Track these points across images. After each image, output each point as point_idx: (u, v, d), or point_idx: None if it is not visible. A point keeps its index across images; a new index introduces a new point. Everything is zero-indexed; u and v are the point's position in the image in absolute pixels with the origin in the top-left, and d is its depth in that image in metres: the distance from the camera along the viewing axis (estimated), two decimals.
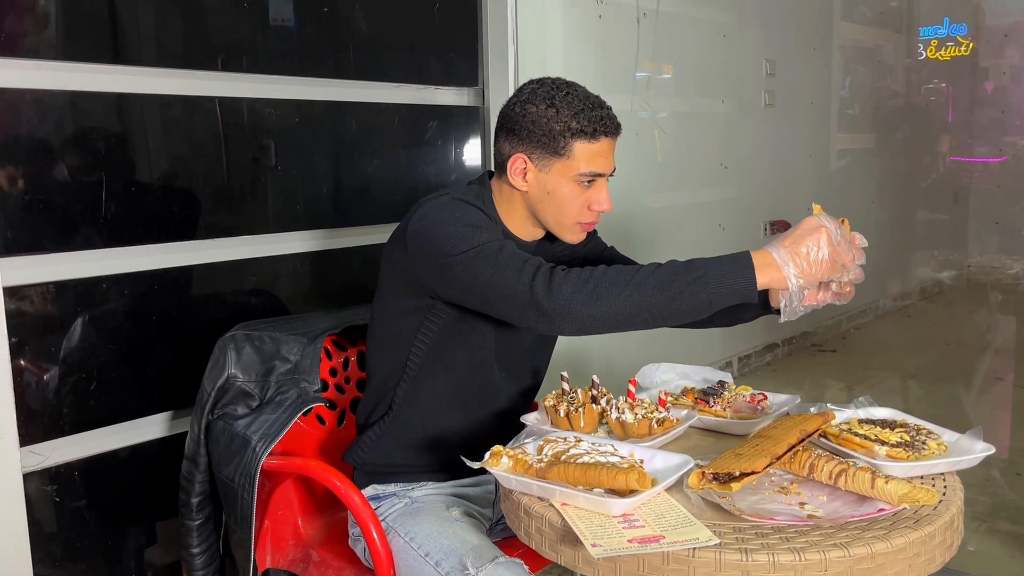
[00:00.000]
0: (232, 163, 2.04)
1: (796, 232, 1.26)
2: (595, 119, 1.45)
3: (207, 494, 1.74)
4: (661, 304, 1.25)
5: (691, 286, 1.24)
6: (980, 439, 1.31)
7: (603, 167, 1.48)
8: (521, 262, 1.32)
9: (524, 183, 1.49)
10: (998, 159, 5.45)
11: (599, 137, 1.46)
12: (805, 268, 1.24)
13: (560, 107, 1.45)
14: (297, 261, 2.18)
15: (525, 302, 1.28)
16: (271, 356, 1.74)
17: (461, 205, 1.44)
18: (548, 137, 1.45)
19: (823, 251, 1.24)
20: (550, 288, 1.27)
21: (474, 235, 1.37)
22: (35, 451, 1.72)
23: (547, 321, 1.28)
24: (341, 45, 2.27)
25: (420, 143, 2.47)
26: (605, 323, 1.27)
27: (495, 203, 1.54)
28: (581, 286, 1.26)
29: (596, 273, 1.27)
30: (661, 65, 3.54)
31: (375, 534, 1.47)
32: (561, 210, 1.48)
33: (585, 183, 1.47)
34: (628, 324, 1.28)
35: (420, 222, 1.44)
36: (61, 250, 1.75)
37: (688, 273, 1.25)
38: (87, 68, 1.78)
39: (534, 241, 1.59)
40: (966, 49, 4.91)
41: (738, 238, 4.13)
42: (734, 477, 1.17)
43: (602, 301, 1.25)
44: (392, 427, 1.59)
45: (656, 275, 1.26)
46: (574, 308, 1.25)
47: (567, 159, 1.45)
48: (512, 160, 1.49)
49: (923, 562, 1.09)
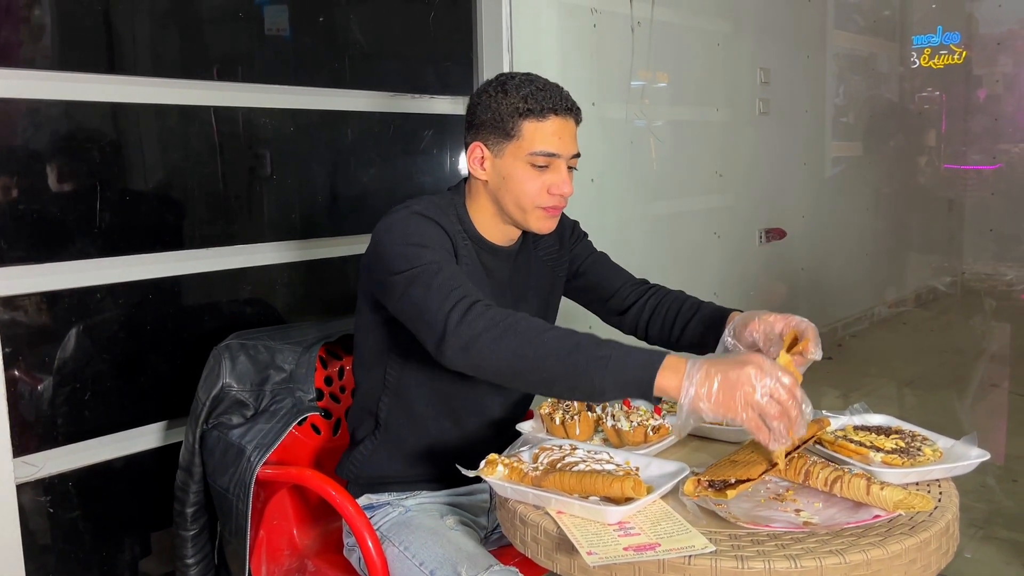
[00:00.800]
0: (227, 172, 2.04)
1: (730, 359, 1.14)
2: (542, 98, 1.44)
3: (202, 504, 1.73)
4: (555, 374, 1.20)
5: (588, 366, 1.17)
6: (975, 445, 1.31)
7: (555, 147, 1.45)
8: (449, 290, 1.29)
9: (483, 171, 1.49)
10: (992, 167, 5.46)
11: (547, 115, 1.44)
12: (704, 395, 1.11)
13: (509, 90, 1.45)
14: (292, 270, 2.18)
15: (439, 331, 1.26)
16: (266, 365, 1.74)
17: (415, 220, 1.43)
18: (499, 120, 1.45)
19: (737, 393, 1.10)
20: (463, 320, 1.25)
21: (417, 255, 1.36)
22: (29, 462, 1.71)
23: (449, 351, 1.25)
24: (336, 54, 2.28)
25: (415, 152, 2.47)
26: (499, 372, 1.24)
27: (468, 208, 1.54)
28: (492, 326, 1.23)
29: (512, 319, 1.23)
30: (656, 73, 3.55)
31: (370, 544, 1.46)
32: (519, 194, 1.47)
33: (539, 165, 1.45)
34: (520, 381, 1.25)
35: (375, 237, 1.44)
36: (55, 260, 1.75)
37: (593, 350, 1.18)
38: (82, 78, 1.78)
39: (512, 245, 1.58)
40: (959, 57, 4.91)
41: (734, 246, 4.14)
42: (730, 484, 1.17)
43: (503, 348, 1.21)
44: (383, 441, 1.58)
45: (562, 341, 1.20)
46: (476, 346, 1.22)
47: (518, 140, 1.45)
48: (471, 150, 1.50)
49: (919, 568, 1.09)
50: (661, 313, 1.63)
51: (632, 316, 1.67)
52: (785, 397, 1.10)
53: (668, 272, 3.72)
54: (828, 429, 1.39)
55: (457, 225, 1.50)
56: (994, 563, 2.57)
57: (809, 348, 1.33)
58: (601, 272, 1.71)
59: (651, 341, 1.66)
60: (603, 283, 1.70)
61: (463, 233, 1.51)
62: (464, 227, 1.52)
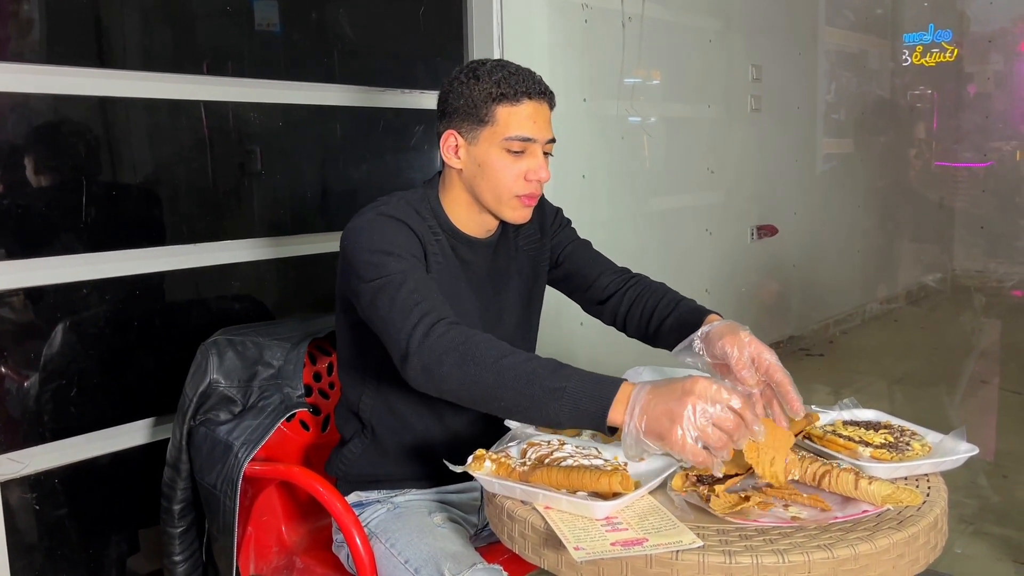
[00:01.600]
0: (216, 167, 2.03)
1: (675, 387, 1.10)
2: (515, 82, 1.42)
3: (189, 501, 1.72)
4: (513, 404, 1.19)
5: (544, 397, 1.16)
6: (964, 440, 1.31)
7: (530, 131, 1.43)
8: (412, 305, 1.28)
9: (458, 160, 1.47)
10: (982, 164, 5.48)
11: (521, 100, 1.42)
12: (644, 429, 1.10)
13: (481, 76, 1.43)
14: (281, 266, 2.17)
15: (402, 351, 1.26)
16: (254, 361, 1.73)
17: (382, 223, 1.41)
18: (472, 107, 1.43)
19: (676, 428, 1.07)
20: (423, 343, 1.23)
21: (384, 264, 1.34)
22: (14, 458, 1.70)
23: (412, 373, 1.25)
24: (326, 49, 2.27)
25: (405, 148, 2.46)
26: (460, 398, 1.24)
27: (442, 200, 1.52)
28: (452, 349, 1.22)
29: (472, 342, 1.22)
30: (648, 71, 3.55)
31: (358, 540, 1.45)
32: (496, 182, 1.45)
33: (515, 151, 1.43)
34: (481, 406, 1.23)
35: (344, 241, 1.43)
36: (41, 255, 1.73)
37: (549, 381, 1.17)
38: (70, 72, 1.77)
39: (490, 236, 1.56)
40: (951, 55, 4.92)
41: (726, 243, 4.14)
42: (717, 479, 1.17)
43: (462, 374, 1.20)
44: (370, 440, 1.57)
45: (518, 369, 1.19)
46: (438, 371, 1.22)
47: (492, 126, 1.42)
48: (444, 139, 1.47)
49: (907, 563, 1.09)
50: (639, 307, 1.61)
51: (611, 307, 1.64)
52: (732, 426, 1.08)
53: (660, 269, 3.70)
54: (817, 424, 1.39)
55: (431, 220, 1.48)
56: (984, 559, 2.58)
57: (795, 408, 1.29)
58: (581, 260, 1.67)
59: (628, 334, 1.64)
60: (582, 271, 1.66)
61: (437, 227, 1.49)
62: (439, 220, 1.50)
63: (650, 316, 1.59)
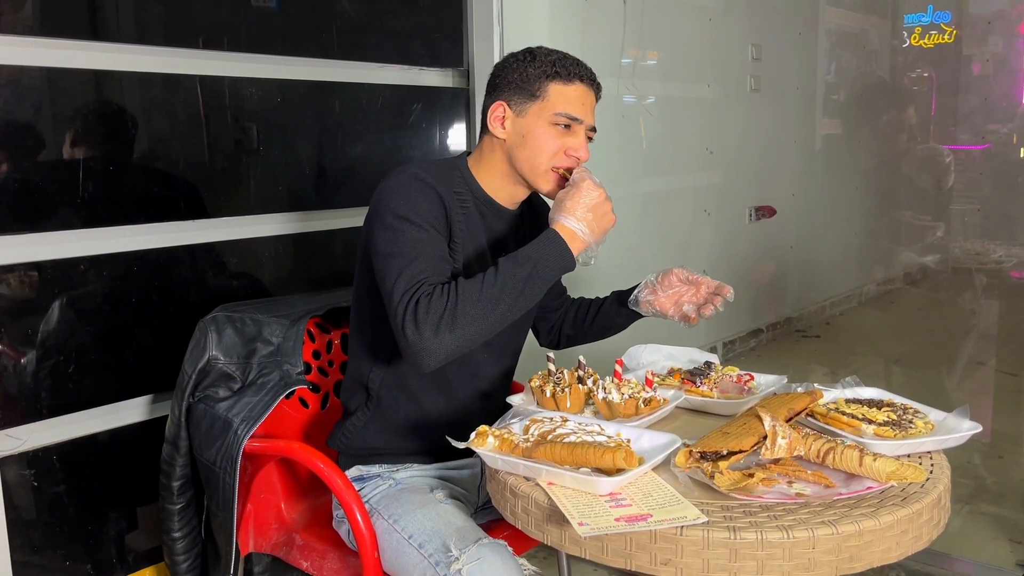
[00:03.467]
0: (213, 143, 2.01)
1: (573, 195, 1.42)
2: (570, 64, 1.50)
3: (188, 478, 1.72)
4: (511, 305, 1.34)
5: (528, 280, 1.35)
6: (967, 418, 1.31)
7: (579, 112, 1.50)
8: (409, 282, 1.34)
9: (503, 130, 1.52)
10: (980, 147, 5.47)
11: (573, 80, 1.50)
12: (596, 229, 1.42)
13: (537, 55, 1.51)
14: (279, 243, 2.15)
15: (399, 326, 1.32)
16: (253, 338, 1.72)
17: (412, 186, 1.45)
18: (525, 81, 1.50)
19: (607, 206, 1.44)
20: (417, 326, 1.29)
21: (403, 232, 1.40)
22: (12, 435, 1.69)
23: (414, 356, 1.31)
24: (324, 24, 2.24)
25: (404, 125, 2.44)
26: (471, 342, 1.33)
27: (474, 170, 1.56)
28: (440, 317, 1.29)
29: (452, 298, 1.31)
30: (647, 50, 3.52)
31: (359, 516, 1.45)
32: (536, 152, 1.50)
33: (562, 126, 1.49)
34: (488, 335, 1.34)
35: (374, 198, 1.48)
36: (38, 231, 1.71)
37: (520, 268, 1.35)
38: (64, 44, 1.74)
39: (515, 207, 1.60)
40: (950, 36, 4.91)
41: (724, 223, 4.13)
42: (721, 456, 1.16)
43: (463, 325, 1.30)
44: (375, 413, 1.58)
45: (498, 281, 1.33)
46: (440, 343, 1.30)
47: (542, 100, 1.49)
48: (492, 109, 1.53)
49: (911, 539, 1.09)
50: (572, 311, 1.80)
51: (551, 323, 1.81)
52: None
53: (658, 250, 3.72)
54: (820, 402, 1.39)
55: (461, 186, 1.53)
56: (980, 538, 2.59)
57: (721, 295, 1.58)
58: None
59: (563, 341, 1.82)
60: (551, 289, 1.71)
61: (468, 193, 1.54)
62: (470, 187, 1.55)
63: (582, 317, 1.78)
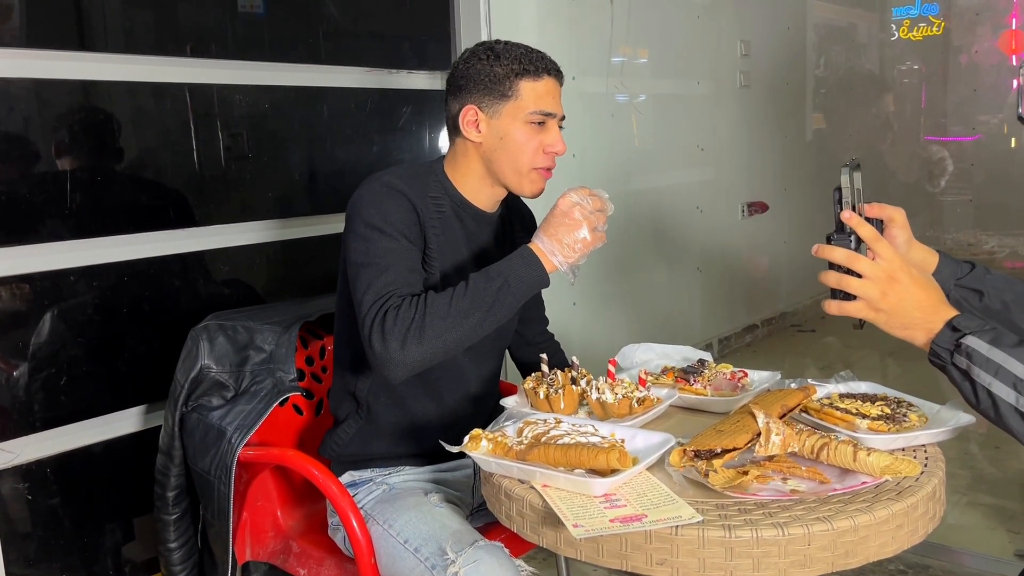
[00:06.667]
0: (202, 151, 2.00)
1: (553, 218, 1.37)
2: (536, 59, 1.49)
3: (183, 488, 1.71)
4: (480, 320, 1.33)
5: (498, 295, 1.33)
6: (960, 410, 1.31)
7: (552, 106, 1.49)
8: (378, 293, 1.34)
9: (478, 134, 1.50)
10: (971, 138, 5.48)
11: (542, 75, 1.49)
12: (568, 252, 1.36)
13: (501, 54, 1.49)
14: (270, 250, 2.15)
15: (367, 338, 1.32)
16: (245, 346, 1.71)
17: (383, 195, 1.44)
18: (494, 82, 1.48)
19: (581, 232, 1.35)
20: (384, 337, 1.30)
21: (373, 242, 1.40)
22: (5, 448, 1.68)
23: (381, 367, 1.32)
24: (311, 30, 2.24)
25: (393, 129, 2.44)
26: (440, 355, 1.32)
27: (450, 174, 1.54)
28: (407, 329, 1.29)
29: (420, 310, 1.30)
30: (636, 48, 3.52)
31: (354, 522, 1.45)
32: (516, 154, 1.49)
33: (537, 124, 1.48)
34: (459, 347, 1.34)
35: (348, 207, 1.47)
36: (27, 243, 1.71)
37: (491, 283, 1.34)
38: (52, 55, 1.74)
39: (495, 212, 1.59)
40: (938, 29, 4.91)
41: (716, 220, 4.13)
42: (715, 454, 1.16)
43: (431, 338, 1.30)
44: (365, 420, 1.57)
45: (468, 295, 1.33)
46: (407, 355, 1.29)
47: (515, 100, 1.47)
48: (463, 113, 1.50)
49: (906, 533, 1.09)
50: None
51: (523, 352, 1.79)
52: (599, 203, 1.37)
53: (650, 247, 3.72)
54: (814, 397, 1.39)
55: (437, 191, 1.52)
56: (978, 529, 2.59)
57: None
58: None
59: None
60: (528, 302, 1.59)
61: (444, 198, 1.52)
62: (446, 191, 1.53)
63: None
